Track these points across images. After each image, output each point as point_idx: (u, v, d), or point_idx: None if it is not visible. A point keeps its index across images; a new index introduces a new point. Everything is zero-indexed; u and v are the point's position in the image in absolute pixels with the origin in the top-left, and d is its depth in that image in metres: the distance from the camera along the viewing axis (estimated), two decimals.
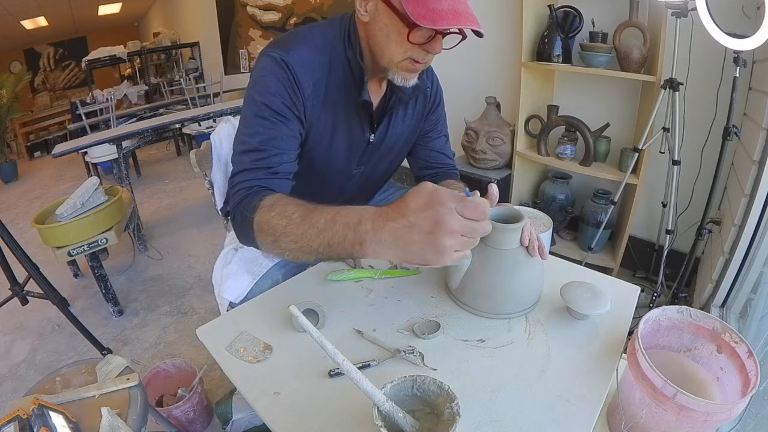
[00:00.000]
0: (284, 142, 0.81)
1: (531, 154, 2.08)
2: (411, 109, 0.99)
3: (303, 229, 0.66)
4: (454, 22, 0.70)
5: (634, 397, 0.58)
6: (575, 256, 2.00)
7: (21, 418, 0.77)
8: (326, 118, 0.87)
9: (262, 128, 0.79)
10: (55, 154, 2.39)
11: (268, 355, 0.69)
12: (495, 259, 0.73)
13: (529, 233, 0.73)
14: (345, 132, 0.90)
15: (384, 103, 0.94)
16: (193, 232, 2.80)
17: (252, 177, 0.78)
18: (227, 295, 0.89)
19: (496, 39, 2.26)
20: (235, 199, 0.78)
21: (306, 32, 0.85)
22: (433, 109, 1.03)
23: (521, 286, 0.74)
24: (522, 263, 0.73)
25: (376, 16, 0.77)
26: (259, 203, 0.73)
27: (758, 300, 1.29)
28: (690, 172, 1.68)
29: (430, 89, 1.01)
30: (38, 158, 5.42)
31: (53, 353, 1.78)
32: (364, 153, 0.96)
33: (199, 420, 1.35)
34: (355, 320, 0.76)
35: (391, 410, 0.50)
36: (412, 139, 1.05)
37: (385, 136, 0.97)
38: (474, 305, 0.75)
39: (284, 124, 0.80)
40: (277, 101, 0.79)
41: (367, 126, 0.92)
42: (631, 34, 1.72)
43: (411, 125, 1.01)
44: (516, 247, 0.73)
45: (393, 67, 0.80)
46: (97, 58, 5.20)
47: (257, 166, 0.79)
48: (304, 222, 0.66)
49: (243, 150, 0.81)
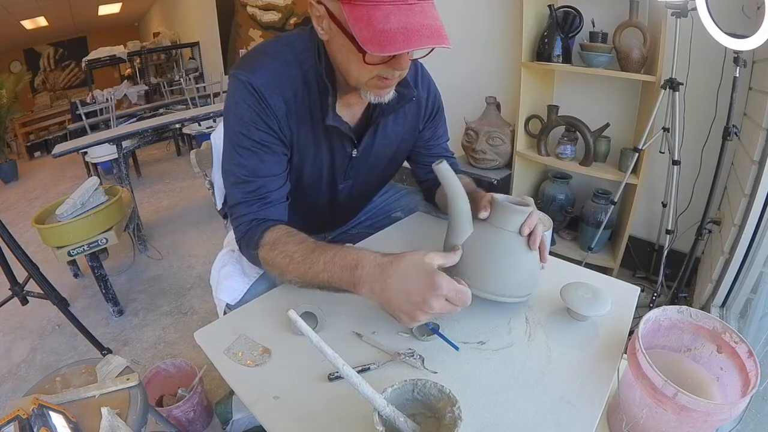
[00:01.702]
0: (270, 168, 0.81)
1: (531, 154, 2.08)
2: (401, 118, 0.93)
3: (304, 268, 0.71)
4: (404, 45, 0.61)
5: (634, 397, 0.58)
6: (575, 256, 1.99)
7: (21, 418, 0.77)
8: (305, 135, 0.84)
9: (245, 160, 0.79)
10: (55, 154, 2.39)
11: (266, 358, 0.68)
12: (493, 237, 0.73)
13: (532, 225, 0.72)
14: (327, 148, 0.87)
15: (367, 114, 0.89)
16: (193, 232, 2.80)
17: (248, 211, 0.81)
18: (224, 296, 0.89)
19: (496, 39, 2.26)
20: (238, 234, 0.83)
21: (274, 46, 0.81)
22: (431, 117, 0.99)
23: (513, 271, 0.72)
24: (519, 250, 0.72)
25: (332, 35, 0.71)
26: (260, 240, 0.78)
27: (758, 300, 1.29)
28: (690, 172, 1.68)
29: (426, 98, 0.96)
30: (38, 158, 5.41)
31: (53, 353, 1.78)
32: (349, 167, 0.93)
33: (199, 420, 1.35)
34: (354, 323, 0.75)
35: (392, 415, 0.50)
36: (408, 148, 1.01)
37: (372, 148, 0.92)
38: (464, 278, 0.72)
39: (266, 151, 0.80)
40: (253, 130, 0.78)
41: (347, 142, 0.88)
42: (631, 34, 1.72)
43: (402, 134, 0.96)
44: (516, 231, 0.72)
45: (362, 86, 0.75)
46: (97, 58, 5.20)
47: (250, 199, 0.81)
48: (305, 262, 0.72)
49: (233, 182, 0.82)
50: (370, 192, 1.12)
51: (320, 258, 0.70)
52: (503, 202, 0.72)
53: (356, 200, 1.08)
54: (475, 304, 0.79)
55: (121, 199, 2.01)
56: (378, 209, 1.22)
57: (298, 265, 0.72)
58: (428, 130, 1.01)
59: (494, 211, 0.74)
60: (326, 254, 0.70)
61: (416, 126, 0.98)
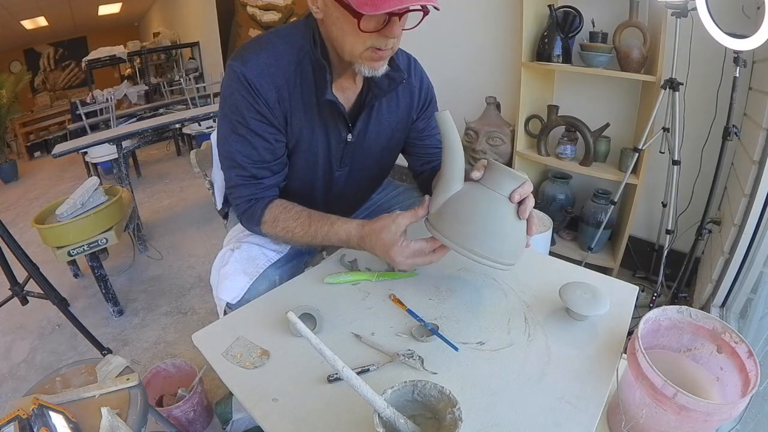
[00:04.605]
0: (263, 155, 0.86)
1: (531, 154, 2.08)
2: (394, 104, 0.96)
3: (306, 239, 0.86)
4: (397, 2, 0.67)
5: (634, 397, 0.58)
6: (575, 256, 1.99)
7: (21, 418, 0.77)
8: (300, 121, 0.87)
9: (240, 146, 0.85)
10: (55, 154, 2.39)
11: (265, 360, 0.68)
12: (481, 196, 0.71)
13: (524, 194, 0.71)
14: (322, 133, 0.90)
15: (360, 100, 0.92)
16: (193, 232, 2.80)
17: (246, 193, 0.89)
18: (224, 296, 0.89)
19: (496, 39, 2.26)
20: (238, 211, 0.91)
21: (269, 37, 0.85)
22: (424, 107, 1.01)
23: (495, 233, 0.70)
24: (505, 214, 0.71)
25: (327, 11, 0.76)
26: (261, 218, 0.88)
27: (758, 300, 1.29)
28: (690, 172, 1.68)
29: (419, 88, 0.98)
30: (38, 158, 5.41)
31: (53, 353, 1.78)
32: (345, 153, 0.95)
33: (199, 420, 1.35)
34: (353, 324, 0.75)
35: (392, 416, 0.50)
36: (401, 137, 1.03)
37: (366, 134, 0.95)
38: (444, 232, 0.72)
39: (258, 139, 0.84)
40: (247, 118, 0.82)
41: (342, 125, 0.90)
42: (631, 34, 1.72)
43: (397, 123, 0.98)
44: (507, 195, 0.71)
45: (357, 60, 0.78)
46: (97, 58, 5.19)
47: (246, 183, 0.88)
48: (306, 236, 0.85)
49: (229, 166, 0.89)
50: (366, 185, 1.12)
51: (318, 233, 0.84)
52: (498, 164, 0.70)
53: (353, 192, 1.09)
54: (475, 304, 0.79)
55: (121, 199, 2.01)
56: (376, 206, 1.23)
57: (300, 238, 0.86)
58: (422, 121, 1.03)
59: (488, 172, 0.72)
60: (322, 228, 0.84)
61: (409, 115, 1.00)
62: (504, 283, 0.84)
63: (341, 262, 0.92)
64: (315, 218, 0.85)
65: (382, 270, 0.89)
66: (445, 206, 0.73)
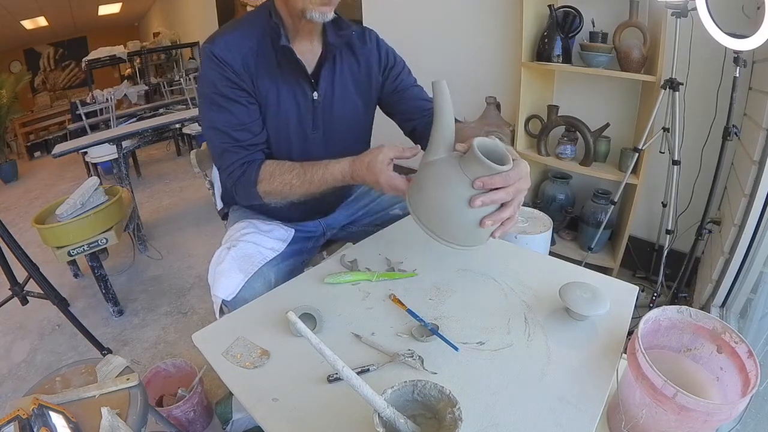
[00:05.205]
0: (241, 118, 0.93)
1: (531, 154, 2.08)
2: (355, 66, 1.03)
3: (304, 188, 0.92)
4: None
5: (634, 397, 0.58)
6: (575, 256, 1.99)
7: (21, 418, 0.77)
8: (266, 83, 0.94)
9: (218, 114, 0.93)
10: (55, 154, 2.40)
11: (265, 360, 0.68)
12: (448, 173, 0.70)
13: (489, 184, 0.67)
14: (289, 95, 0.97)
15: (320, 61, 0.99)
16: (193, 232, 2.80)
17: (235, 158, 0.94)
18: (219, 292, 0.90)
19: (496, 39, 2.26)
20: (232, 179, 0.96)
21: (234, 20, 0.98)
22: (389, 66, 1.08)
23: (442, 208, 0.70)
24: (460, 196, 0.68)
25: None
26: (257, 177, 0.93)
27: (758, 300, 1.29)
28: (690, 172, 1.68)
29: (377, 49, 1.06)
30: (38, 158, 5.41)
31: (53, 353, 1.78)
32: (315, 114, 1.00)
33: (199, 420, 1.35)
34: (353, 324, 0.75)
35: (392, 416, 0.50)
36: (370, 100, 1.08)
37: (333, 95, 1.01)
38: (409, 191, 0.77)
39: (233, 104, 0.92)
40: (220, 87, 0.90)
41: (306, 84, 0.97)
42: (631, 34, 1.72)
43: (362, 84, 1.05)
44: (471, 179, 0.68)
45: (308, 6, 0.86)
46: (97, 58, 5.19)
47: (231, 147, 0.93)
48: (303, 185, 0.91)
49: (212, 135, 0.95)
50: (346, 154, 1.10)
51: (314, 177, 0.90)
52: (476, 149, 0.67)
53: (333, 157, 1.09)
54: (475, 304, 0.79)
55: (121, 199, 2.01)
56: (375, 204, 1.24)
57: (298, 188, 0.92)
58: (392, 80, 1.08)
59: (469, 151, 0.69)
60: (317, 173, 0.90)
61: (376, 76, 1.07)
62: (504, 283, 0.84)
63: (341, 262, 0.92)
64: (308, 166, 0.91)
65: (382, 270, 0.89)
66: (420, 168, 0.75)
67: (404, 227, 1.07)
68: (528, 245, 1.40)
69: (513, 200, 0.70)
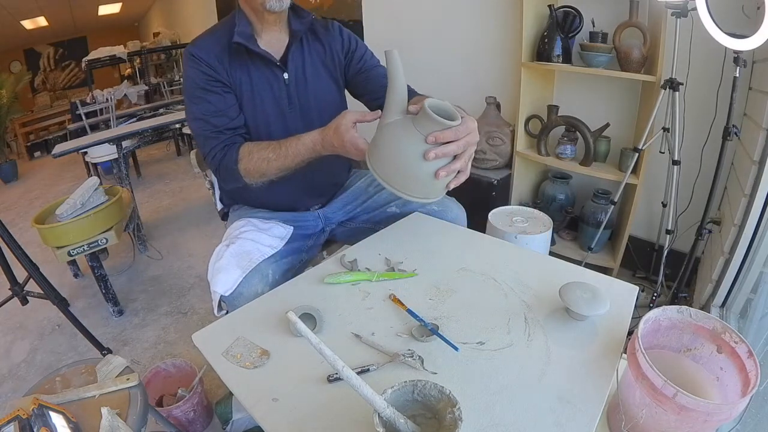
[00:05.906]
0: (218, 104, 1.02)
1: (531, 154, 2.08)
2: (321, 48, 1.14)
3: (280, 162, 0.97)
4: None
5: (634, 397, 0.58)
6: (575, 256, 1.99)
7: (21, 418, 0.77)
8: (239, 74, 1.04)
9: (198, 106, 1.01)
10: (55, 154, 2.40)
11: (265, 360, 0.68)
12: (402, 131, 0.76)
13: (441, 138, 0.73)
14: (261, 79, 1.06)
15: (289, 46, 1.08)
16: (193, 232, 2.80)
17: (216, 143, 1.01)
18: (217, 288, 0.91)
19: (496, 39, 2.26)
20: (215, 162, 1.02)
21: (212, 26, 1.09)
22: (352, 48, 1.18)
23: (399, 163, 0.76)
24: (415, 151, 0.74)
25: None
26: (237, 157, 0.99)
27: (758, 300, 1.29)
28: (690, 172, 1.68)
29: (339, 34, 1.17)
30: (38, 158, 5.41)
31: (53, 353, 1.78)
32: (290, 93, 1.09)
33: (199, 420, 1.35)
34: (353, 324, 0.75)
35: (392, 416, 0.50)
36: (339, 78, 1.18)
37: (304, 74, 1.11)
38: (369, 151, 0.82)
39: (212, 92, 1.01)
40: (198, 81, 1.00)
41: (276, 68, 1.07)
42: (631, 34, 1.72)
43: (329, 64, 1.15)
44: (424, 135, 0.74)
45: None
46: (97, 58, 5.18)
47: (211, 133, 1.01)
48: (279, 157, 0.97)
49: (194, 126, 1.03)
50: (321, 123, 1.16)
51: (288, 150, 0.96)
52: (427, 108, 0.73)
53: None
54: (475, 304, 0.79)
55: (121, 199, 2.01)
56: (372, 202, 1.24)
57: (275, 161, 0.97)
58: (356, 61, 1.18)
59: (421, 111, 0.75)
60: (291, 146, 0.96)
61: (339, 59, 1.17)
62: (504, 283, 0.84)
63: (341, 262, 0.92)
64: (283, 141, 0.97)
65: (382, 270, 0.89)
66: (378, 130, 0.81)
67: (404, 227, 1.08)
68: (528, 245, 1.40)
69: (464, 153, 0.78)
